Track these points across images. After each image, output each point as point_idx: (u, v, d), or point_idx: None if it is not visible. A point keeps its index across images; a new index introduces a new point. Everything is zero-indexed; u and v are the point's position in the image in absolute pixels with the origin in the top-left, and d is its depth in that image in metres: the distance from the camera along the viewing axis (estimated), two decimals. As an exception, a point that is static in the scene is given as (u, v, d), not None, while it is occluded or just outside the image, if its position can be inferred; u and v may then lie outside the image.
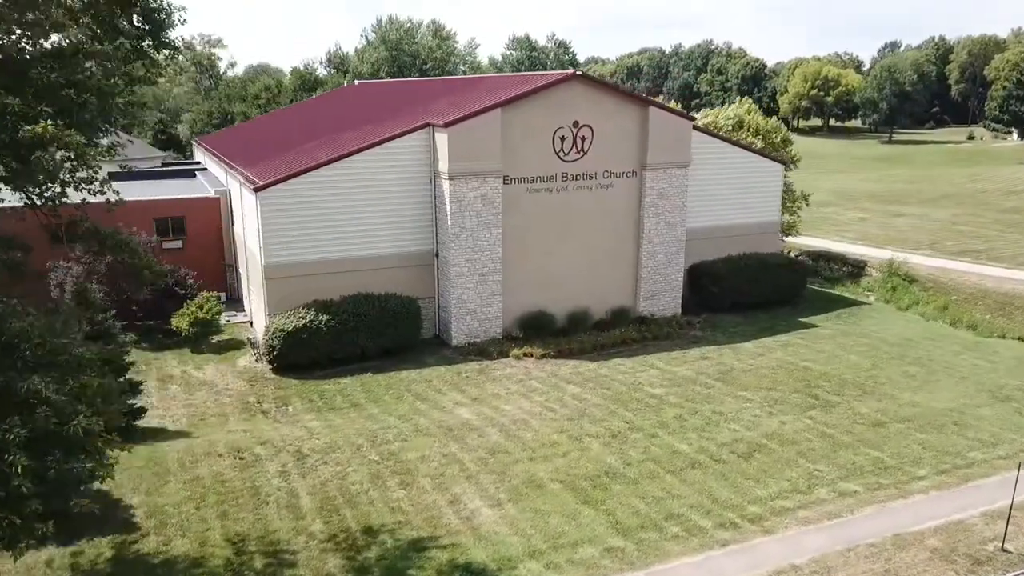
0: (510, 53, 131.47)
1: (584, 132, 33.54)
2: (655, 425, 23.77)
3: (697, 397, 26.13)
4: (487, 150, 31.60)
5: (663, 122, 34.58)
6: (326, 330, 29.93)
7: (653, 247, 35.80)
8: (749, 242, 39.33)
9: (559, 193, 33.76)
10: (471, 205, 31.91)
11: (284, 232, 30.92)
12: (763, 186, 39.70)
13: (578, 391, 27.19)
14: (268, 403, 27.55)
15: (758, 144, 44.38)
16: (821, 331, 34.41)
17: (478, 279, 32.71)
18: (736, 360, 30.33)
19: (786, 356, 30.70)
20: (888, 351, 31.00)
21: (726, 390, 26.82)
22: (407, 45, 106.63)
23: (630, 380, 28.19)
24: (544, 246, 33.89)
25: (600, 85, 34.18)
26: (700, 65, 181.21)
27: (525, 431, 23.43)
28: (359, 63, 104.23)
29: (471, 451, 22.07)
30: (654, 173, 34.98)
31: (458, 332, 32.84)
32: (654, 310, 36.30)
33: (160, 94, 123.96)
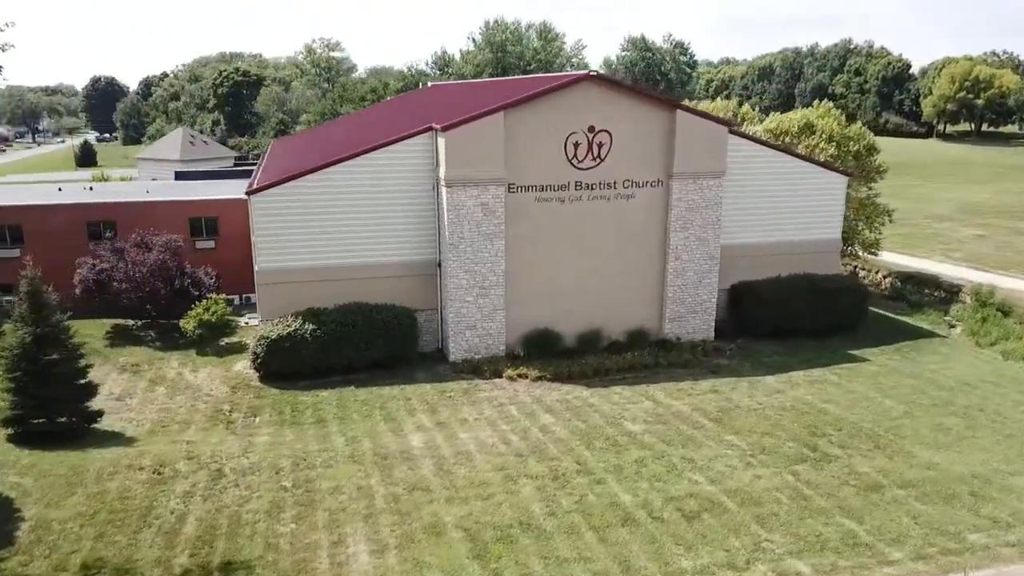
0: (624, 54, 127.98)
1: (601, 138, 30.93)
2: (608, 469, 21.12)
3: (675, 438, 23.15)
4: (488, 156, 29.67)
5: (693, 127, 31.40)
6: (311, 339, 28.99)
7: (681, 264, 32.64)
8: (803, 261, 35.30)
9: (572, 203, 31.32)
10: (470, 214, 30.08)
11: (277, 237, 30.25)
12: (822, 200, 35.52)
13: (551, 422, 24.81)
14: (238, 413, 26.86)
15: (829, 152, 39.94)
16: (866, 367, 30.17)
17: (478, 292, 30.82)
18: (747, 396, 26.92)
19: (807, 395, 26.96)
20: (933, 396, 26.60)
21: (713, 432, 23.66)
22: (512, 47, 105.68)
23: (615, 413, 25.50)
24: (554, 260, 31.56)
25: (619, 87, 31.44)
26: (836, 66, 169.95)
27: (462, 466, 21.39)
28: (463, 65, 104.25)
29: (390, 485, 20.29)
30: (682, 183, 31.85)
31: (456, 347, 31.09)
32: (681, 333, 33.11)
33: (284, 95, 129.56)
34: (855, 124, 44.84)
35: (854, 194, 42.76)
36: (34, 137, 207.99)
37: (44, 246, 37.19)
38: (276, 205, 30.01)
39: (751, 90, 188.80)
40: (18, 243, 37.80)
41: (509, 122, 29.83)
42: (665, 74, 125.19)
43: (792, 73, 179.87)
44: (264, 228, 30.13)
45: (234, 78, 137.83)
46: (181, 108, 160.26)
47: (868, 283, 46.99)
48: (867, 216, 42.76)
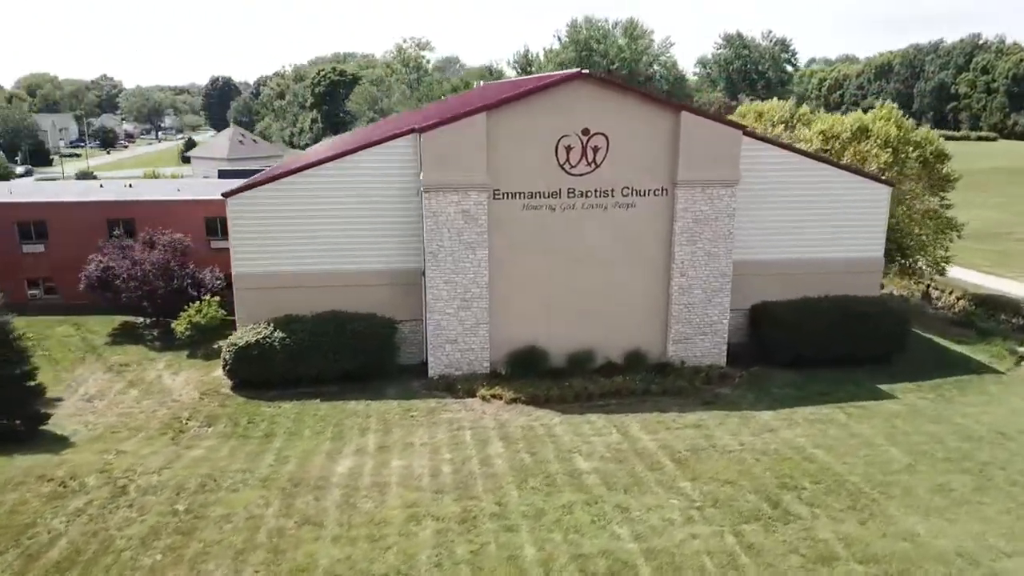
0: (720, 52, 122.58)
1: (596, 141, 28.46)
2: (528, 514, 18.84)
3: (622, 482, 20.58)
4: (469, 160, 27.77)
5: (700, 131, 28.43)
6: (280, 348, 27.96)
7: (687, 281, 29.71)
8: (838, 282, 31.59)
9: (564, 211, 28.98)
10: (450, 221, 28.27)
11: (255, 241, 29.41)
12: (860, 214, 31.65)
13: (498, 452, 22.71)
14: (195, 421, 26.14)
15: (882, 159, 35.77)
16: (886, 406, 26.43)
17: (459, 304, 28.97)
18: (731, 434, 23.92)
19: (800, 436, 23.68)
20: (951, 447, 22.79)
21: (669, 476, 20.93)
22: (596, 44, 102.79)
23: (573, 446, 23.12)
24: (543, 272, 29.31)
25: (615, 87, 28.77)
26: (961, 63, 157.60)
27: (370, 500, 19.63)
28: (545, 63, 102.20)
29: (282, 517, 18.77)
30: (688, 192, 28.94)
31: (435, 362, 29.36)
32: (687, 357, 30.17)
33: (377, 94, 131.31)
34: (922, 128, 40.20)
35: (919, 205, 38.36)
36: (157, 134, 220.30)
37: (67, 242, 38.12)
38: (254, 208, 29.16)
39: (866, 90, 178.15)
40: (43, 239, 38.73)
41: (493, 124, 27.82)
42: (763, 73, 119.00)
43: (912, 71, 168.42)
44: (241, 232, 29.33)
45: (331, 77, 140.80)
46: (285, 106, 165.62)
47: (941, 306, 42.36)
48: (933, 231, 38.24)
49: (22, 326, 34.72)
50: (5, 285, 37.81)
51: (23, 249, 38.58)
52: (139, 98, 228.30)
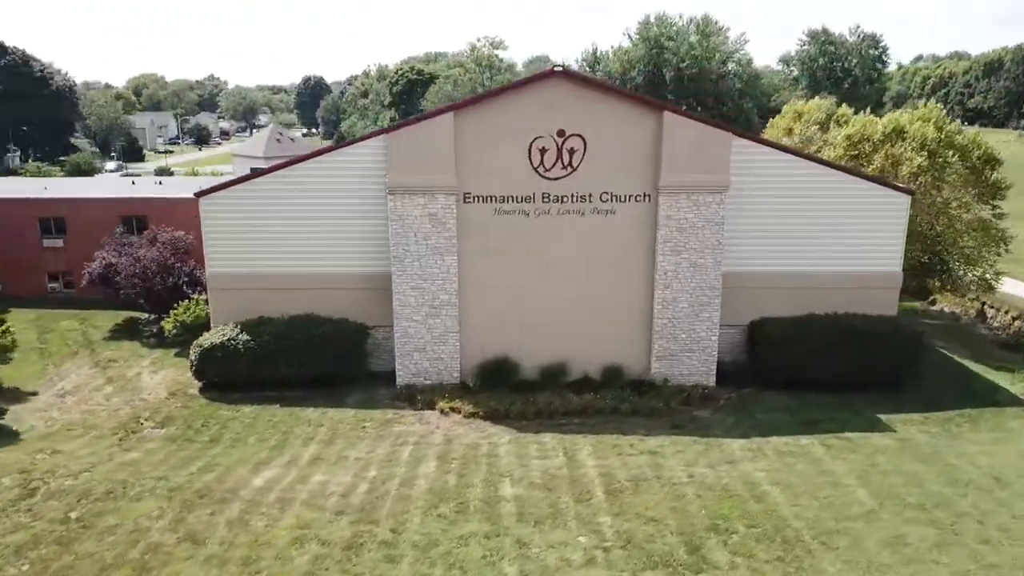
0: (804, 49, 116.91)
1: (573, 143, 26.82)
2: (420, 544, 17.54)
3: (537, 513, 18.99)
4: (437, 162, 26.63)
5: (685, 133, 26.38)
6: (243, 351, 27.60)
7: (671, 294, 27.68)
8: (850, 298, 28.89)
9: (539, 217, 27.46)
10: (416, 225, 27.21)
11: (228, 242, 29.18)
12: (875, 224, 28.77)
13: (427, 472, 21.50)
14: (151, 422, 26.07)
15: (916, 163, 32.57)
16: (877, 439, 23.77)
17: (427, 312, 27.89)
18: (684, 464, 21.92)
19: (761, 470, 21.45)
20: (930, 493, 20.09)
21: (591, 510, 19.19)
22: (667, 42, 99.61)
23: (509, 468, 21.68)
24: (516, 280, 27.88)
25: (593, 85, 26.96)
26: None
27: (267, 518, 18.74)
28: (611, 62, 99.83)
29: (167, 532, 18.09)
30: (672, 199, 26.93)
31: (403, 370, 28.38)
32: (672, 374, 28.16)
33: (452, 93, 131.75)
34: (971, 130, 36.51)
35: (966, 215, 34.87)
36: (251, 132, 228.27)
37: (84, 237, 39.06)
38: (226, 208, 28.93)
39: (974, 88, 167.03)
40: (62, 234, 39.88)
41: (462, 124, 26.59)
42: (849, 71, 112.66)
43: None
44: (214, 232, 29.14)
45: (408, 76, 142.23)
46: (368, 105, 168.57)
47: (997, 326, 38.57)
48: (980, 243, 34.71)
49: (33, 318, 35.89)
50: (27, 278, 39.21)
51: (44, 244, 39.83)
52: (237, 97, 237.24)
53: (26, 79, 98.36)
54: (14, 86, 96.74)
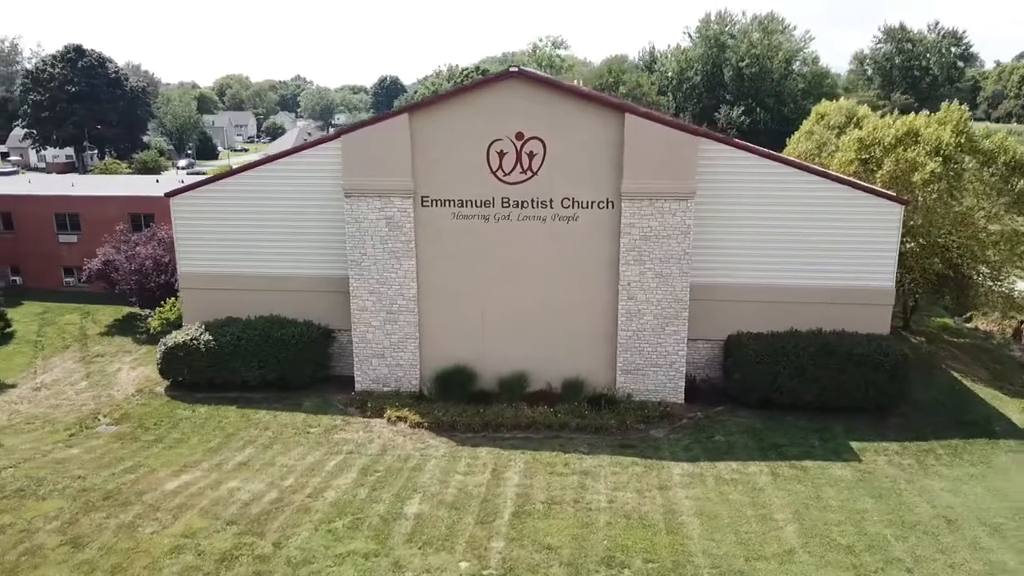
0: (879, 47, 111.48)
1: (532, 146, 25.83)
2: (296, 561, 16.96)
3: (430, 535, 18.15)
4: (392, 164, 26.08)
5: (647, 136, 25.02)
6: (204, 351, 27.72)
7: (636, 305, 26.35)
8: (837, 314, 26.94)
9: (499, 222, 26.57)
10: (373, 228, 26.73)
11: (198, 241, 29.40)
12: (864, 235, 26.67)
13: (344, 483, 20.96)
14: (108, 418, 26.46)
15: (928, 169, 30.12)
16: (834, 470, 21.92)
17: (385, 317, 27.38)
18: (612, 488, 20.65)
19: (690, 499, 20.02)
20: (868, 533, 18.29)
21: (488, 534, 18.21)
22: (727, 40, 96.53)
23: (428, 483, 20.93)
24: (476, 287, 27.06)
25: (551, 86, 25.75)
26: None
27: (157, 524, 18.52)
28: (666, 61, 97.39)
29: (56, 533, 18.02)
30: (635, 205, 25.61)
31: (362, 376, 27.95)
32: (637, 389, 26.83)
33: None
34: (998, 133, 33.62)
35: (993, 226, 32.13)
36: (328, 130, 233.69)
37: (96, 233, 40.18)
38: (195, 208, 29.14)
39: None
40: (76, 230, 41.17)
41: (419, 126, 25.94)
42: (927, 69, 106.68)
43: None
44: (184, 231, 29.39)
45: (473, 76, 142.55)
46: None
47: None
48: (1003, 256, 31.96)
49: (40, 311, 37.08)
50: (45, 272, 40.65)
51: (59, 239, 41.20)
52: (316, 96, 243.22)
53: (102, 80, 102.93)
54: (91, 87, 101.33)
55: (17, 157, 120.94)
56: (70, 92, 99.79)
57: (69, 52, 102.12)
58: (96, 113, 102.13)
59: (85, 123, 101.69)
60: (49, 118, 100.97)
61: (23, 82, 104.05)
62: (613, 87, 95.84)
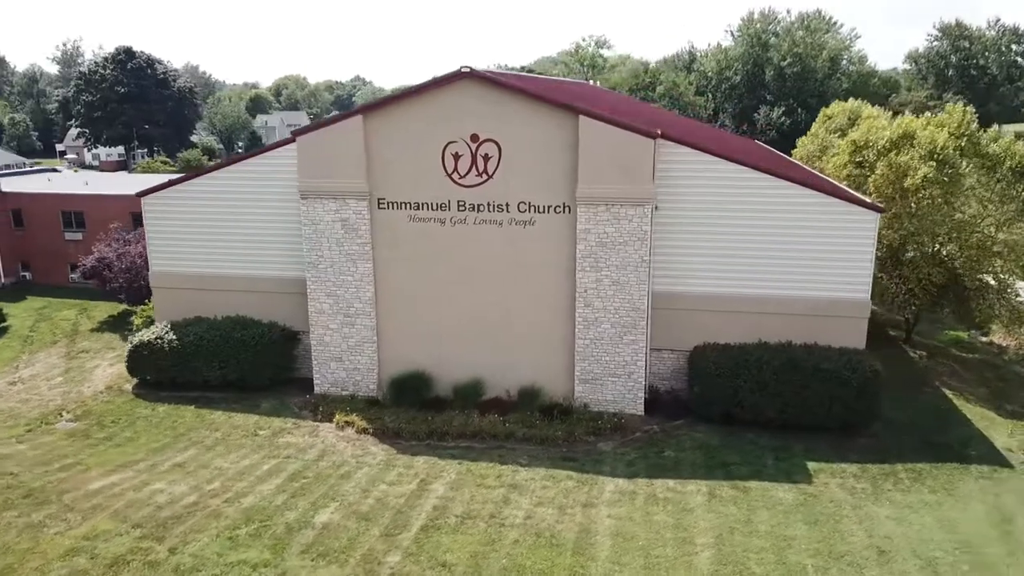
0: (934, 45, 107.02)
1: (487, 149, 25.25)
2: (184, 568, 16.78)
3: (325, 546, 17.75)
4: (347, 165, 25.83)
5: (603, 139, 24.18)
6: (167, 350, 27.96)
7: (593, 313, 25.54)
8: (809, 326, 25.62)
9: (455, 226, 26.07)
10: (329, 230, 26.53)
11: (169, 241, 29.72)
12: (837, 244, 25.26)
13: (268, 489, 20.76)
14: (70, 414, 26.91)
15: (920, 174, 28.49)
16: (778, 492, 20.73)
17: (342, 320, 27.15)
18: (535, 504, 19.93)
19: (611, 518, 19.16)
20: (787, 563, 17.16)
21: (388, 547, 17.73)
22: (770, 38, 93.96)
23: (348, 492, 20.59)
24: (433, 292, 26.61)
25: (504, 87, 25.03)
26: None
27: (65, 525, 18.59)
28: (704, 60, 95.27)
29: (-36, 529, 18.32)
30: (591, 211, 24.81)
31: (320, 379, 27.79)
32: (596, 400, 26.02)
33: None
34: (1007, 137, 31.63)
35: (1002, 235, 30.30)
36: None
37: (99, 231, 41.06)
38: (165, 208, 29.45)
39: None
40: (81, 227, 42.16)
41: (373, 127, 25.63)
42: (985, 69, 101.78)
43: None
44: (155, 231, 29.72)
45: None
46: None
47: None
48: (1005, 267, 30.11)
49: (40, 307, 38.04)
50: (52, 268, 41.75)
51: (65, 236, 42.25)
52: (369, 96, 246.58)
53: (150, 81, 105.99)
54: (140, 88, 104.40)
55: (73, 156, 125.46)
56: (120, 93, 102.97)
57: (120, 54, 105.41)
58: (144, 113, 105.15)
59: (133, 123, 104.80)
60: (100, 118, 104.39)
61: (76, 83, 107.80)
62: (649, 87, 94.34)
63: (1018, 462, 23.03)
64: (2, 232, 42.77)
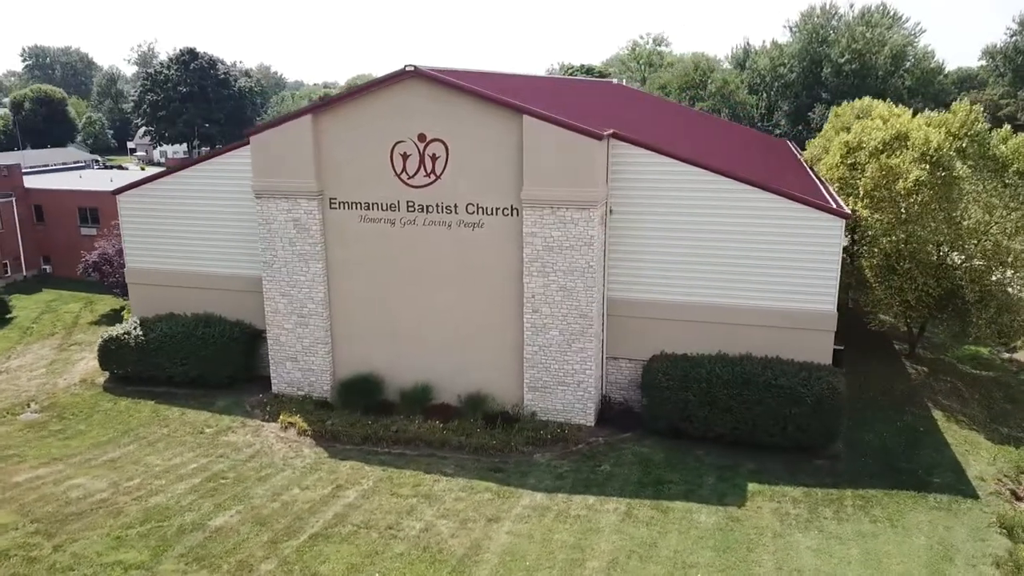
0: (1013, 40, 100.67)
1: (435, 149, 24.70)
2: (58, 567, 16.79)
3: (207, 550, 17.50)
4: (298, 165, 25.67)
5: (548, 139, 23.29)
6: (134, 345, 28.45)
7: (541, 319, 24.68)
8: (772, 339, 24.20)
9: (405, 227, 25.62)
10: (282, 230, 26.44)
11: (143, 238, 30.20)
12: (803, 252, 23.71)
13: (182, 490, 20.74)
14: (37, 404, 27.63)
15: (912, 178, 26.57)
16: (702, 514, 19.49)
17: (296, 320, 27.04)
18: (438, 516, 19.29)
19: (511, 534, 18.34)
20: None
21: (267, 554, 17.37)
22: (829, 34, 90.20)
23: (255, 496, 20.39)
24: (384, 294, 26.22)
25: (449, 86, 24.25)
26: None
27: (-31, 514, 18.99)
28: (758, 57, 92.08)
29: None
30: (536, 214, 23.97)
31: (277, 379, 27.76)
32: (545, 409, 25.17)
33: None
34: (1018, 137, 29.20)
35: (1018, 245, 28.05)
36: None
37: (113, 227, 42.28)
38: (139, 205, 29.94)
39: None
40: (96, 223, 43.50)
41: (324, 126, 25.40)
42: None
43: None
44: (130, 228, 30.25)
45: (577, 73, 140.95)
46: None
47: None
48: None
49: (49, 299, 39.37)
50: (69, 262, 43.21)
51: (81, 232, 43.67)
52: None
53: (211, 81, 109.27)
54: (200, 88, 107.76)
55: (142, 153, 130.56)
56: (181, 92, 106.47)
57: (183, 55, 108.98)
58: (204, 112, 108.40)
59: (194, 121, 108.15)
60: (163, 117, 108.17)
61: (143, 83, 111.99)
62: (700, 86, 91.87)
63: (987, 492, 21.14)
64: (25, 227, 44.53)
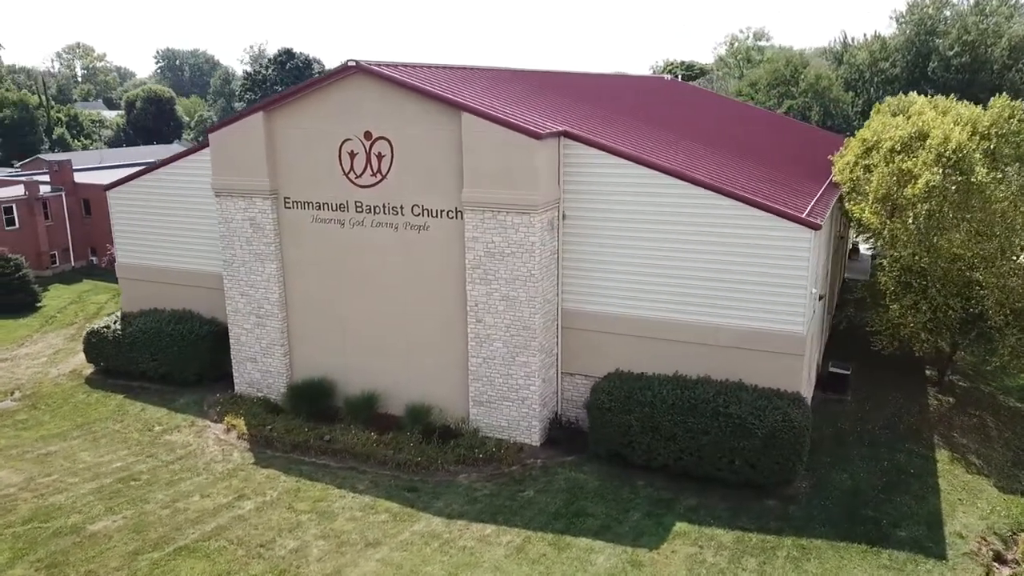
0: None
1: (380, 147, 23.65)
2: (-75, 562, 16.92)
3: (69, 554, 17.15)
4: (252, 163, 25.23)
5: (488, 138, 21.74)
6: (111, 339, 28.94)
7: (484, 329, 23.19)
8: (739, 360, 21.81)
9: (354, 227, 24.71)
10: (240, 229, 26.09)
11: (131, 233, 30.69)
12: (770, 267, 21.13)
13: (85, 489, 20.61)
14: (20, 393, 28.53)
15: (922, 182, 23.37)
16: (596, 558, 17.45)
17: (255, 321, 26.65)
18: (321, 535, 18.21)
19: (379, 561, 16.95)
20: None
21: (122, 563, 16.83)
22: (938, 25, 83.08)
23: (147, 501, 19.98)
24: (336, 296, 25.41)
25: (392, 82, 22.87)
26: None
27: None
28: (856, 51, 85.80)
29: None
30: (477, 217, 22.50)
31: (239, 379, 27.49)
32: (490, 424, 23.69)
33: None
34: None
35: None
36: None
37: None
38: (128, 201, 30.43)
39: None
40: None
41: (276, 124, 24.83)
42: None
43: None
44: (120, 223, 30.78)
45: (676, 72, 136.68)
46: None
47: None
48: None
49: (85, 289, 41.01)
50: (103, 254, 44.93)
51: (118, 225, 45.23)
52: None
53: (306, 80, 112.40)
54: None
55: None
56: (278, 92, 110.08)
57: (281, 55, 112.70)
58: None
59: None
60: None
61: (243, 83, 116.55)
62: (791, 81, 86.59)
63: (960, 552, 18.11)
64: (74, 220, 46.66)
